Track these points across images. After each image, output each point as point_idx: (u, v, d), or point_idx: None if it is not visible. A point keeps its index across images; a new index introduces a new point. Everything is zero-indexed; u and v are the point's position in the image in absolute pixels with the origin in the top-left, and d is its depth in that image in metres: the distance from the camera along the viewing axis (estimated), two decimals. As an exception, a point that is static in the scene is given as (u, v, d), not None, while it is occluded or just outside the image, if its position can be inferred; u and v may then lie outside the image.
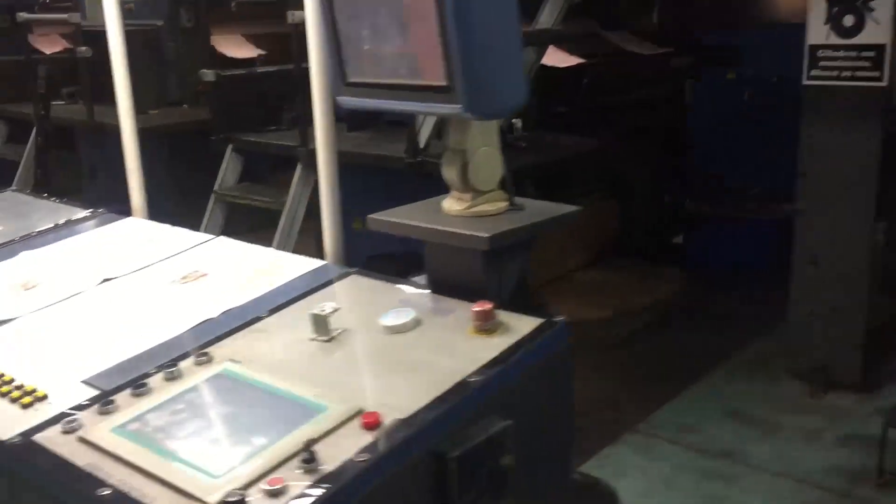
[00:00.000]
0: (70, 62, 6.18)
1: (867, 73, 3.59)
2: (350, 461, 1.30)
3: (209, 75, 4.86)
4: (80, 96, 6.21)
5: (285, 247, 4.40)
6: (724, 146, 5.80)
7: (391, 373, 1.55)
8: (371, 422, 1.37)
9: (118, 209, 2.71)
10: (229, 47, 6.12)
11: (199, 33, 6.16)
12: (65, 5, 6.43)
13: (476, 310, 1.62)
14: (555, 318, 1.64)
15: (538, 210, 1.86)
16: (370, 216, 1.88)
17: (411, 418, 1.39)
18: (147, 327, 1.85)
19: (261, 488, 1.26)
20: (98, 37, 5.80)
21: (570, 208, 1.88)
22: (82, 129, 6.27)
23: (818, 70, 3.69)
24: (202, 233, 2.40)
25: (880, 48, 3.56)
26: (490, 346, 1.57)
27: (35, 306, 2.01)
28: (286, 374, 1.56)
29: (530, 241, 1.84)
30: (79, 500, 1.34)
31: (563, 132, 4.85)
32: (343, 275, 2.00)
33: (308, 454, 1.29)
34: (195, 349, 1.70)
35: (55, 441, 1.45)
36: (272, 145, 4.79)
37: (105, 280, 2.12)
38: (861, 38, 3.56)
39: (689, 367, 4.23)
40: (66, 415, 1.52)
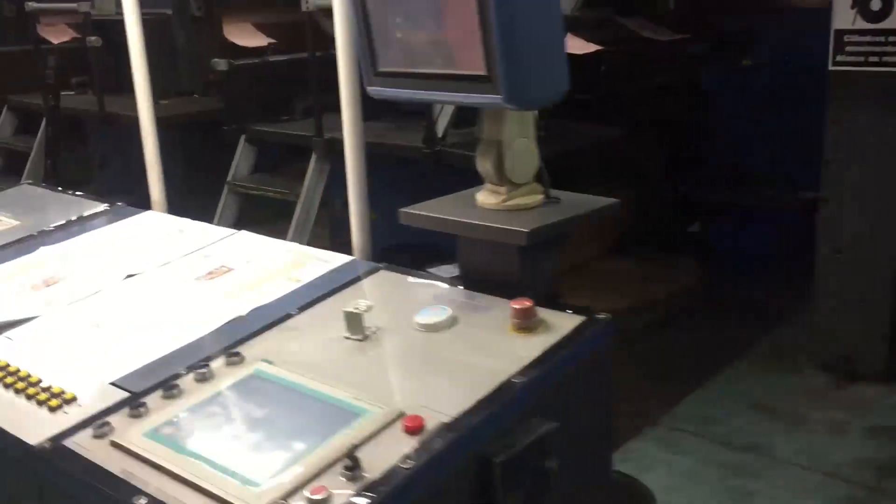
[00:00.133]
0: (79, 52, 6.12)
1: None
2: (395, 468, 1.25)
3: (221, 65, 4.79)
4: (90, 86, 6.16)
5: (300, 238, 4.34)
6: (741, 134, 5.73)
7: (430, 373, 1.50)
8: (414, 426, 1.32)
9: (131, 201, 2.67)
10: (239, 36, 6.02)
11: (209, 22, 6.09)
12: (73, -6, 6.37)
13: (516, 307, 1.57)
14: (598, 316, 1.59)
15: (575, 203, 1.81)
16: (402, 210, 1.83)
17: (455, 422, 1.34)
18: (174, 326, 1.80)
19: (304, 496, 1.21)
20: (107, 26, 5.77)
21: (608, 201, 1.84)
22: (92, 120, 6.22)
23: (844, 55, 3.61)
24: (224, 227, 2.35)
25: (909, 33, 3.47)
26: (532, 345, 1.52)
27: (57, 304, 1.96)
28: (321, 374, 1.51)
29: (567, 235, 1.79)
30: (113, 508, 1.30)
31: (578, 120, 4.77)
32: (372, 270, 1.95)
33: (351, 461, 1.25)
34: (225, 349, 1.65)
35: (86, 446, 1.40)
36: (286, 135, 4.72)
37: (128, 276, 2.07)
38: (889, 23, 3.47)
39: (710, 359, 4.17)
40: (96, 418, 1.47)
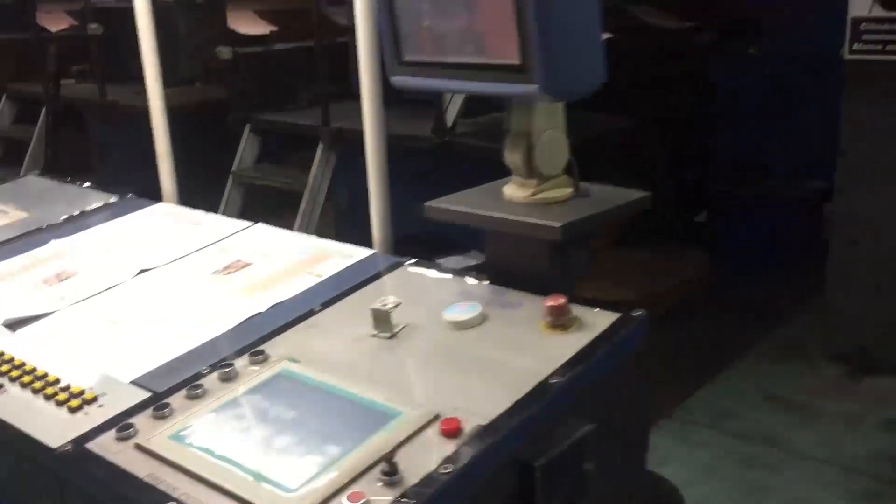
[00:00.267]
0: (79, 40, 6.05)
1: (913, 48, 3.46)
2: (434, 473, 1.20)
3: (226, 53, 4.73)
4: (90, 75, 6.09)
5: (307, 230, 4.30)
6: (748, 124, 5.68)
7: (463, 373, 1.45)
8: (451, 428, 1.27)
9: (134, 192, 2.62)
10: (242, 24, 5.94)
11: (211, 9, 6.01)
12: (72, -19, 6.29)
13: (550, 304, 1.52)
14: (634, 313, 1.54)
15: (605, 196, 1.76)
16: (427, 203, 1.77)
17: (493, 424, 1.29)
18: (193, 322, 1.75)
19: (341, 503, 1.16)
20: (106, 13, 5.68)
21: (639, 194, 1.78)
22: (93, 109, 6.15)
23: (861, 44, 3.56)
24: (238, 219, 2.29)
25: (928, 21, 3.43)
26: (567, 344, 1.47)
27: (72, 299, 1.91)
28: (350, 374, 1.47)
29: (597, 229, 1.75)
30: (141, 514, 1.26)
31: (583, 111, 4.72)
32: (394, 265, 1.90)
33: (389, 465, 1.20)
34: (248, 347, 1.60)
35: (110, 449, 1.35)
36: (292, 125, 4.67)
37: (142, 271, 2.02)
38: (907, 11, 3.43)
39: (721, 351, 4.14)
40: (118, 419, 1.42)
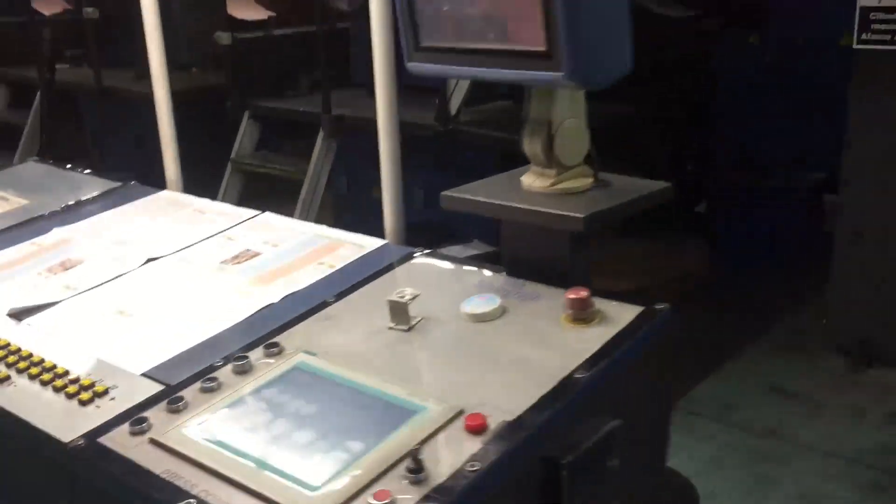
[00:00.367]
0: (74, 24, 5.97)
1: (924, 38, 3.43)
2: (461, 471, 1.17)
3: (225, 38, 4.67)
4: (85, 60, 6.02)
5: (307, 218, 4.25)
6: (749, 113, 5.64)
7: (484, 367, 1.42)
8: (477, 424, 1.24)
9: (131, 178, 2.57)
10: (240, 9, 5.87)
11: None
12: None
13: (572, 297, 1.49)
14: (657, 306, 1.51)
15: (626, 187, 1.73)
16: (443, 193, 1.73)
17: (519, 420, 1.26)
18: (203, 313, 1.71)
19: (366, 502, 1.13)
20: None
21: (660, 184, 1.75)
22: (87, 94, 6.08)
23: (870, 34, 3.53)
24: (245, 209, 2.25)
25: (940, 10, 3.39)
26: (590, 337, 1.44)
27: (77, 289, 1.87)
28: (368, 367, 1.43)
29: (618, 220, 1.71)
30: (158, 511, 1.22)
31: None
32: (407, 256, 1.86)
33: (414, 463, 1.17)
34: (261, 339, 1.56)
35: (124, 444, 1.31)
36: (293, 112, 4.61)
37: (149, 260, 1.98)
38: (918, 0, 3.40)
39: (723, 342, 4.12)
40: (131, 413, 1.39)
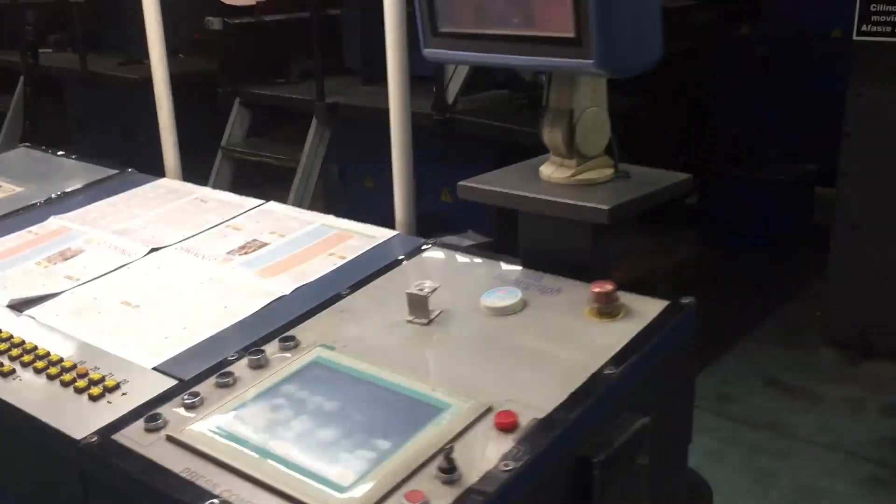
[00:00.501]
0: (58, 8, 5.85)
1: (924, 30, 3.42)
2: (495, 470, 1.13)
3: (216, 23, 4.58)
4: (69, 44, 5.91)
5: (301, 207, 4.19)
6: (743, 105, 5.65)
7: (509, 362, 1.38)
8: (507, 422, 1.20)
9: (115, 165, 2.52)
10: (228, -6, 5.80)
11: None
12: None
13: (597, 291, 1.45)
14: (683, 300, 1.48)
15: (646, 178, 1.69)
16: (460, 183, 1.69)
17: (551, 418, 1.23)
18: (213, 305, 1.66)
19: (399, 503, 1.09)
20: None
21: (680, 176, 1.72)
22: (71, 79, 5.97)
23: (870, 25, 3.52)
24: (250, 197, 2.20)
25: (941, 1, 3.38)
26: (616, 332, 1.41)
27: (79, 279, 1.81)
28: (388, 362, 1.39)
29: (640, 212, 1.68)
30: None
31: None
32: (419, 247, 1.82)
33: (447, 462, 1.13)
34: (276, 332, 1.52)
35: (140, 441, 1.27)
36: (285, 99, 4.54)
37: (153, 250, 1.92)
38: (919, -7, 3.39)
39: (719, 334, 4.10)
40: (144, 408, 1.34)
